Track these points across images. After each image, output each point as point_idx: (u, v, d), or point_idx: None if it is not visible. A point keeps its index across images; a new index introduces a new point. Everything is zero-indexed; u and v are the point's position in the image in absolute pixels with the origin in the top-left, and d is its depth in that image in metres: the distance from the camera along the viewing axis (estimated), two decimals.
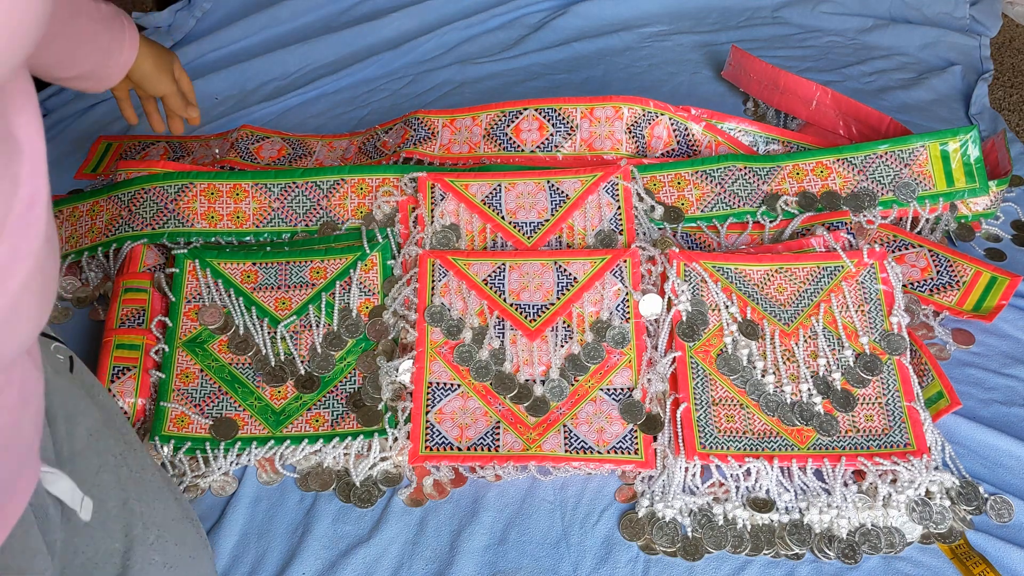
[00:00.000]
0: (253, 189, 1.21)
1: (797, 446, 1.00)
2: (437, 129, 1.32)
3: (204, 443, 1.01)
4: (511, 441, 1.01)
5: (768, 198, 1.23)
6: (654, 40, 1.77)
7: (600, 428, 1.02)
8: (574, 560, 0.94)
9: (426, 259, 1.13)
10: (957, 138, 1.23)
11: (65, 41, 0.95)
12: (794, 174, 1.24)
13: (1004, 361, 1.13)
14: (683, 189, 1.24)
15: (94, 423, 0.76)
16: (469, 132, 1.31)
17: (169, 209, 1.20)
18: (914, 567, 0.92)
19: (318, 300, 1.11)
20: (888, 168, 1.24)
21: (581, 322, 1.09)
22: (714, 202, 1.24)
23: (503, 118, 1.31)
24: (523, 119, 1.30)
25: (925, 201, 1.23)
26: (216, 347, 1.08)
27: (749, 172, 1.24)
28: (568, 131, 1.29)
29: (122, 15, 1.04)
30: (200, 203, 1.20)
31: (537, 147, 1.29)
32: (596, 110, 1.29)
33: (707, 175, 1.24)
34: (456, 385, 1.05)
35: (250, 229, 1.21)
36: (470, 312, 1.09)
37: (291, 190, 1.22)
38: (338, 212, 1.21)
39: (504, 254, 1.14)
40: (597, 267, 1.12)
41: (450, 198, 1.18)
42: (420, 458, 1.00)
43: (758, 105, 1.55)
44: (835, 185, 1.23)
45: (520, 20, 1.82)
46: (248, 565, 0.94)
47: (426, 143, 1.31)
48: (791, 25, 1.83)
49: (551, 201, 1.19)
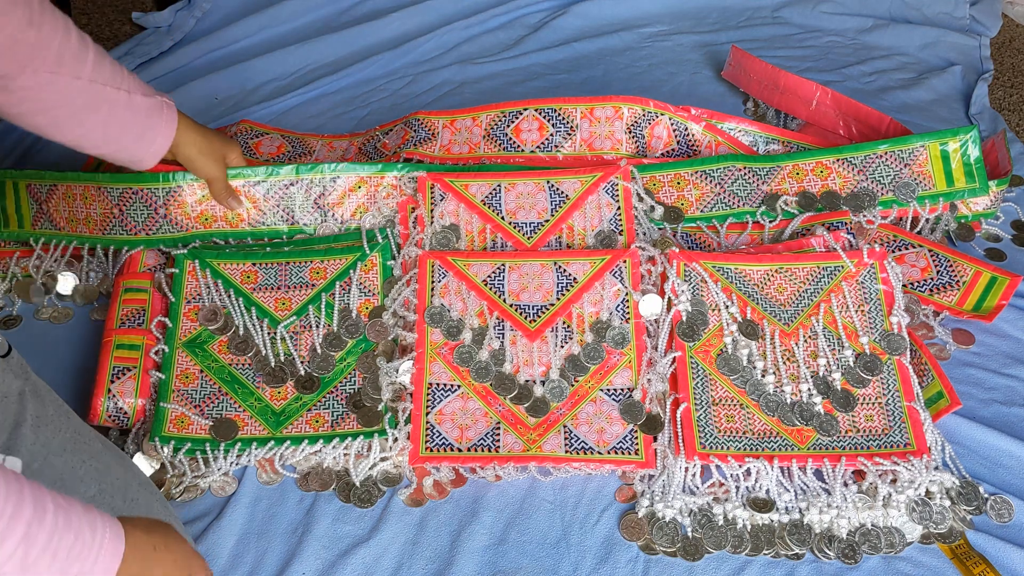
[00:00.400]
0: (245, 188, 1.20)
1: (797, 446, 1.00)
2: (437, 130, 1.32)
3: (204, 444, 1.01)
4: (511, 442, 1.01)
5: (768, 198, 1.23)
6: (654, 40, 1.77)
7: (600, 428, 1.02)
8: (574, 560, 0.94)
9: (426, 260, 1.13)
10: (957, 138, 1.23)
11: (93, 124, 1.03)
12: (794, 174, 1.24)
13: (1004, 361, 1.13)
14: (683, 189, 1.24)
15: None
16: (469, 133, 1.31)
17: (160, 214, 1.19)
18: (914, 567, 0.92)
19: (318, 300, 1.11)
20: (888, 168, 1.24)
21: (581, 322, 1.09)
22: (714, 202, 1.23)
23: (503, 119, 1.31)
24: (523, 119, 1.30)
25: (925, 201, 1.23)
26: (216, 348, 1.08)
27: (749, 172, 1.24)
28: (568, 131, 1.29)
29: (165, 108, 1.09)
30: (191, 207, 1.19)
31: (537, 147, 1.29)
32: (596, 110, 1.29)
33: (707, 175, 1.24)
34: (456, 386, 1.05)
35: (246, 230, 1.21)
36: (470, 313, 1.09)
37: (279, 188, 1.20)
38: (336, 211, 1.21)
39: (504, 255, 1.14)
40: (597, 267, 1.12)
41: (450, 198, 1.18)
42: (420, 459, 0.99)
43: (758, 105, 1.55)
44: (835, 185, 1.23)
45: (520, 20, 1.82)
46: (248, 565, 0.93)
47: (426, 144, 1.31)
48: (791, 25, 1.83)
49: (551, 201, 1.19)
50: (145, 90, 1.07)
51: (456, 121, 1.33)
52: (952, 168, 1.24)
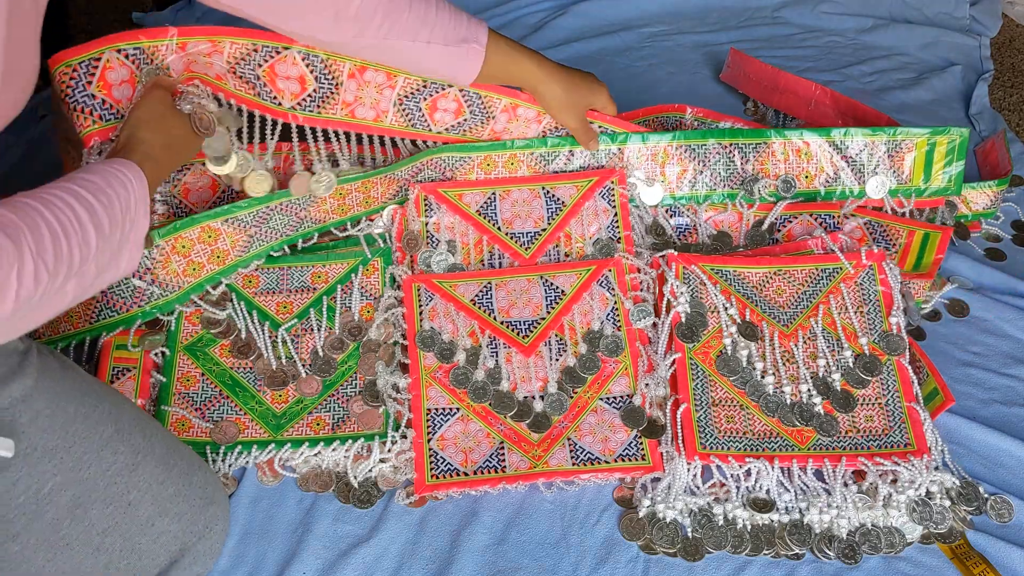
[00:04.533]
0: (224, 226, 1.08)
1: (797, 446, 1.00)
2: (342, 78, 1.12)
3: (205, 447, 1.01)
4: (516, 460, 1.00)
5: (746, 181, 1.22)
6: (654, 40, 1.77)
7: (605, 437, 1.02)
8: (574, 560, 0.94)
9: (411, 284, 1.11)
10: (947, 137, 1.22)
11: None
12: (778, 154, 1.23)
13: (1004, 361, 1.13)
14: (664, 165, 1.22)
15: None
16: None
17: (147, 279, 1.05)
18: (914, 567, 0.92)
19: (320, 304, 1.11)
20: (871, 156, 1.22)
21: (573, 334, 1.09)
22: (694, 181, 1.23)
23: (423, 89, 1.15)
24: (441, 96, 1.15)
25: (898, 194, 1.22)
26: (217, 351, 1.08)
27: (733, 149, 1.23)
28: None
29: (471, 53, 1.07)
30: (176, 263, 1.06)
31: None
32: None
33: (690, 150, 1.22)
34: (455, 409, 1.04)
35: (234, 262, 1.10)
36: (461, 334, 1.08)
37: (265, 215, 1.10)
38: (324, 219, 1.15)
39: (489, 273, 1.13)
40: (583, 279, 1.12)
41: (444, 210, 1.17)
42: (427, 487, 0.98)
43: (758, 106, 1.55)
44: (814, 169, 1.22)
45: (520, 20, 1.82)
46: (248, 565, 0.94)
47: (329, 101, 1.13)
48: (791, 25, 1.83)
49: (547, 209, 1.18)
50: (448, 37, 1.04)
51: (366, 71, 1.12)
52: (933, 168, 1.23)
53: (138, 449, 0.87)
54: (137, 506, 0.86)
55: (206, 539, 0.91)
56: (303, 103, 1.12)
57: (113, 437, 0.85)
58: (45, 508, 0.80)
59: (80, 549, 0.83)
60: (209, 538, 0.91)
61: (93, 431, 0.84)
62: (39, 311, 0.74)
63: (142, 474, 0.86)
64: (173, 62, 1.07)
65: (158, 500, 0.87)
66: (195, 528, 0.90)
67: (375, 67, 1.11)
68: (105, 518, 0.84)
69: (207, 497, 0.92)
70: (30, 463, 0.79)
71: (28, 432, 0.79)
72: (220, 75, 1.09)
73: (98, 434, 0.84)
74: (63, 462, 0.81)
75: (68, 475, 0.81)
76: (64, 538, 0.82)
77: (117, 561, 0.85)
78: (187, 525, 0.89)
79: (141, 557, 0.86)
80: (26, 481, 0.79)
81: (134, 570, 0.86)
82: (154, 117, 0.99)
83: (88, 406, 0.84)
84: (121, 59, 1.05)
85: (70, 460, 0.82)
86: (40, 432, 0.80)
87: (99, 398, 0.87)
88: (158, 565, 0.88)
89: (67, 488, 0.81)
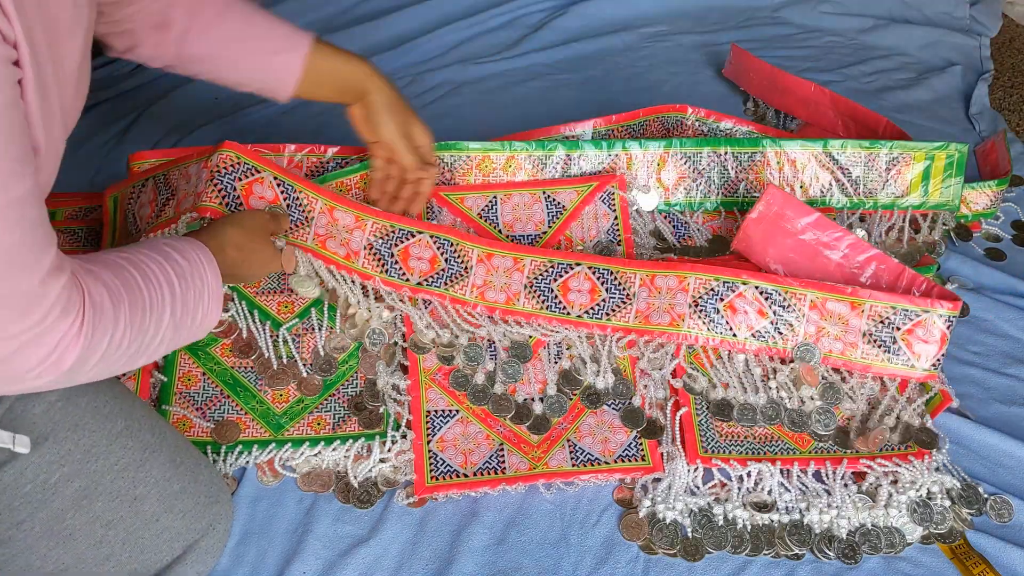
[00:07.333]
0: None
1: (798, 450, 1.00)
2: (471, 263, 1.11)
3: (205, 447, 1.01)
4: (516, 462, 1.00)
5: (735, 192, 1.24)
6: (654, 40, 1.77)
7: (604, 438, 1.02)
8: (574, 560, 0.94)
9: None
10: (945, 152, 1.23)
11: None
12: (773, 164, 1.23)
13: (1004, 361, 1.14)
14: (659, 172, 1.23)
15: None
16: (508, 277, 1.10)
17: None
18: (914, 567, 0.93)
19: (321, 303, 1.11)
20: (869, 169, 1.23)
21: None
22: (689, 188, 1.23)
23: (550, 272, 1.10)
24: (572, 276, 1.09)
25: (893, 208, 1.23)
26: (218, 350, 1.08)
27: (729, 158, 1.24)
28: (624, 299, 1.08)
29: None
30: None
31: (586, 312, 1.08)
32: (657, 279, 1.08)
33: (686, 158, 1.23)
34: (455, 411, 1.04)
35: None
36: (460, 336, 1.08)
37: None
38: None
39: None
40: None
41: (445, 212, 1.17)
42: (427, 489, 0.98)
43: (758, 105, 1.55)
44: (808, 179, 1.23)
45: (520, 20, 1.82)
46: (248, 565, 0.94)
47: (459, 281, 1.10)
48: (791, 25, 1.83)
49: (547, 212, 1.18)
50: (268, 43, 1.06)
51: (493, 258, 1.11)
52: (930, 184, 1.23)
53: (147, 445, 0.88)
54: (143, 501, 0.86)
55: (209, 537, 0.91)
56: (429, 280, 1.09)
57: (123, 432, 0.86)
58: (51, 498, 0.81)
59: (83, 540, 0.83)
60: (212, 537, 0.92)
61: (103, 425, 0.85)
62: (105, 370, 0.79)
63: (150, 470, 0.87)
64: (317, 220, 1.09)
65: (164, 496, 0.88)
66: (199, 526, 0.90)
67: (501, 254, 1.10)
68: (110, 511, 0.85)
69: (212, 496, 0.93)
70: (39, 453, 0.80)
71: (39, 423, 0.81)
72: (355, 251, 1.09)
73: (108, 428, 0.85)
74: (71, 454, 0.82)
75: (76, 467, 0.82)
76: (68, 528, 0.82)
77: (119, 554, 0.85)
78: (191, 522, 0.90)
79: (143, 552, 0.87)
80: (34, 470, 0.80)
81: (135, 564, 0.87)
82: (256, 227, 1.00)
83: (100, 401, 0.86)
84: (274, 184, 1.07)
85: (79, 452, 0.83)
86: (51, 423, 0.81)
87: (111, 394, 0.88)
88: (160, 561, 0.88)
89: (74, 479, 0.82)
